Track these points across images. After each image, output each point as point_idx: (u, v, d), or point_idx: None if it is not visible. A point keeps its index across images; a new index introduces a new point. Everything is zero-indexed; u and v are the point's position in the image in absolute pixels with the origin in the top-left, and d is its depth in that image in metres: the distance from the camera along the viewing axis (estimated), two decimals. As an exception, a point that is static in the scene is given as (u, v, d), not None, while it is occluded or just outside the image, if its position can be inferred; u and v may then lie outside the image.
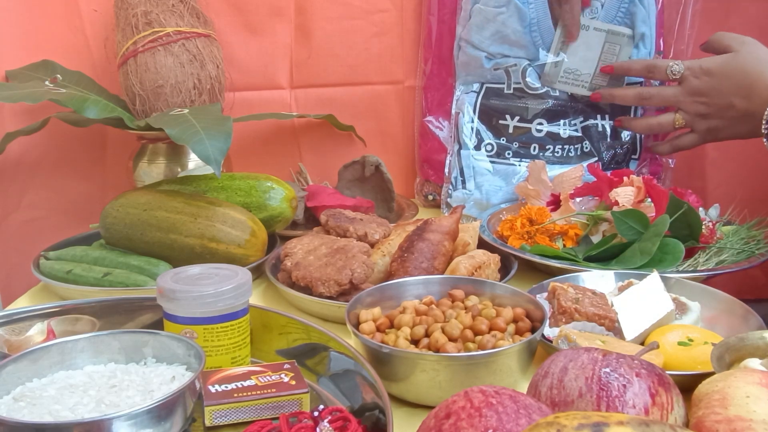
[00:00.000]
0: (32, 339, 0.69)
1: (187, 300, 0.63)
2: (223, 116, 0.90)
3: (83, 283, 0.86)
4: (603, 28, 1.08)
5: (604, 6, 1.08)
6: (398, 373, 0.61)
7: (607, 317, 0.69)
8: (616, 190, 0.95)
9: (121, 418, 0.50)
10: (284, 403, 0.58)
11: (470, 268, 0.79)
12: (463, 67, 1.13)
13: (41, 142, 1.11)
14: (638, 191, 0.95)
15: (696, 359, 0.63)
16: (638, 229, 0.87)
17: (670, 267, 0.83)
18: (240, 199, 0.95)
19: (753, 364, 0.53)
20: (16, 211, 1.13)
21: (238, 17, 1.16)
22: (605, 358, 0.47)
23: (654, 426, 0.35)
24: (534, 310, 0.68)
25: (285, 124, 1.21)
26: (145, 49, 1.01)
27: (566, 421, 0.35)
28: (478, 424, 0.40)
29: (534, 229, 0.95)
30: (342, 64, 1.19)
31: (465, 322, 0.65)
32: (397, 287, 0.74)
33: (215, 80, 1.06)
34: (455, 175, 1.13)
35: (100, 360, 0.61)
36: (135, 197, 0.92)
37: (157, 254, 0.89)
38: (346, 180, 1.15)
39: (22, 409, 0.53)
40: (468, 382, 0.57)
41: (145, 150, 1.08)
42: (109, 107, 0.99)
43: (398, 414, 0.59)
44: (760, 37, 1.10)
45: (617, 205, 0.93)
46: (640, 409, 0.45)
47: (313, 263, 0.81)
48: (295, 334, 0.69)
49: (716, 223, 0.94)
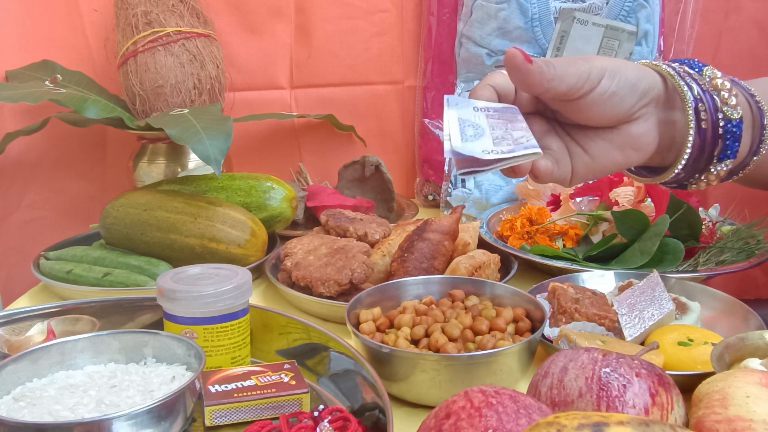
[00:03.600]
0: (32, 339, 0.69)
1: (187, 300, 0.63)
2: (223, 116, 0.90)
3: (83, 283, 0.86)
4: (601, 23, 1.08)
5: (609, 3, 1.08)
6: (398, 373, 0.61)
7: (607, 317, 0.69)
8: (616, 190, 0.95)
9: (121, 418, 0.50)
10: (284, 403, 0.58)
11: (470, 268, 0.79)
12: (464, 64, 1.14)
13: (41, 142, 1.11)
14: (638, 191, 0.95)
15: (696, 359, 0.63)
16: (638, 229, 0.87)
17: (670, 267, 0.83)
18: (240, 199, 0.95)
19: (753, 364, 0.53)
20: (16, 211, 1.13)
21: (238, 17, 1.16)
22: (605, 358, 0.47)
23: (654, 426, 0.35)
24: (534, 310, 0.68)
25: (285, 124, 1.21)
26: (145, 49, 1.01)
27: (566, 421, 0.35)
28: (478, 424, 0.40)
29: (534, 229, 0.95)
30: (342, 64, 1.19)
31: (465, 322, 0.65)
32: (397, 287, 0.74)
33: (215, 80, 1.06)
34: (455, 173, 1.13)
35: (100, 360, 0.61)
36: (135, 197, 0.92)
37: (157, 254, 0.89)
38: (346, 180, 1.15)
39: (22, 409, 0.53)
40: (468, 382, 0.57)
41: (145, 150, 1.08)
42: (109, 107, 0.99)
43: (398, 414, 0.59)
44: (760, 36, 1.11)
45: (617, 205, 0.93)
46: (640, 409, 0.45)
47: (313, 263, 0.81)
48: (295, 334, 0.69)
49: (716, 223, 0.94)
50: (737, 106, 0.58)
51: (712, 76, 0.59)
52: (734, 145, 0.59)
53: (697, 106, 0.58)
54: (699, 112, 0.58)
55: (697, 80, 0.59)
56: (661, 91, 0.58)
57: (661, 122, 0.59)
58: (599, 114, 0.56)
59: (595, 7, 1.09)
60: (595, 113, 0.56)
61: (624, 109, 0.56)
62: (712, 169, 0.60)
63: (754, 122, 0.61)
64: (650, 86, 0.57)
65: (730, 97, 0.58)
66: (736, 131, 0.58)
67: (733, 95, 0.58)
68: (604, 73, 0.55)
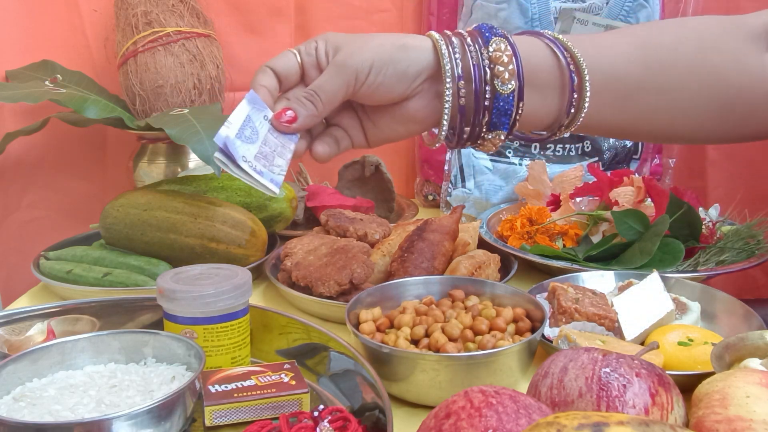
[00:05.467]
0: (32, 339, 0.69)
1: (187, 300, 0.62)
2: (224, 116, 0.90)
3: (83, 283, 0.86)
4: (602, 23, 1.08)
5: (609, 3, 1.08)
6: (398, 373, 0.61)
7: (607, 317, 0.69)
8: (616, 190, 0.95)
9: (121, 418, 0.50)
10: (284, 403, 0.58)
11: (470, 268, 0.79)
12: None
13: (41, 142, 1.11)
14: (638, 191, 0.95)
15: (696, 359, 0.63)
16: (638, 229, 0.87)
17: (670, 267, 0.83)
18: (240, 199, 0.95)
19: (753, 364, 0.53)
20: (16, 211, 1.13)
21: (238, 17, 1.16)
22: (605, 358, 0.47)
23: (654, 426, 0.35)
24: (534, 310, 0.68)
25: (285, 124, 1.21)
26: (145, 49, 1.01)
27: (566, 421, 0.35)
28: (478, 424, 0.40)
29: (534, 229, 0.95)
30: (342, 64, 1.19)
31: (465, 322, 0.65)
32: (397, 287, 0.74)
33: (215, 80, 1.06)
34: (455, 173, 1.12)
35: (100, 360, 0.61)
36: (135, 197, 0.92)
37: (157, 254, 0.89)
38: (346, 180, 1.15)
39: (22, 409, 0.53)
40: (468, 382, 0.57)
41: (145, 150, 1.08)
42: (109, 107, 0.99)
43: (398, 414, 0.59)
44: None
45: (617, 205, 0.93)
46: (640, 409, 0.45)
47: (313, 263, 0.81)
48: (295, 334, 0.69)
49: (716, 223, 0.94)
50: (510, 79, 0.61)
51: (496, 48, 0.61)
52: (503, 119, 0.63)
53: (457, 83, 0.61)
54: (459, 89, 0.61)
55: (471, 53, 0.61)
56: (434, 69, 0.62)
57: (437, 95, 0.63)
58: (374, 100, 0.63)
59: (595, 7, 1.09)
60: (371, 99, 0.63)
61: (396, 94, 0.62)
62: (489, 136, 0.64)
63: (563, 85, 0.64)
64: (423, 68, 0.61)
65: (505, 71, 0.61)
66: (502, 105, 0.62)
67: (508, 70, 0.61)
68: (370, 69, 0.60)
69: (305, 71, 0.64)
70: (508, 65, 0.61)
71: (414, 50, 0.62)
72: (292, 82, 0.64)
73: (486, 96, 0.62)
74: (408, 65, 0.61)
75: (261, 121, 0.60)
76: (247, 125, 0.59)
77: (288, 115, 0.61)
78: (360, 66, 0.60)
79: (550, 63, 0.64)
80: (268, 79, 0.63)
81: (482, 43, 0.62)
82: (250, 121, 0.59)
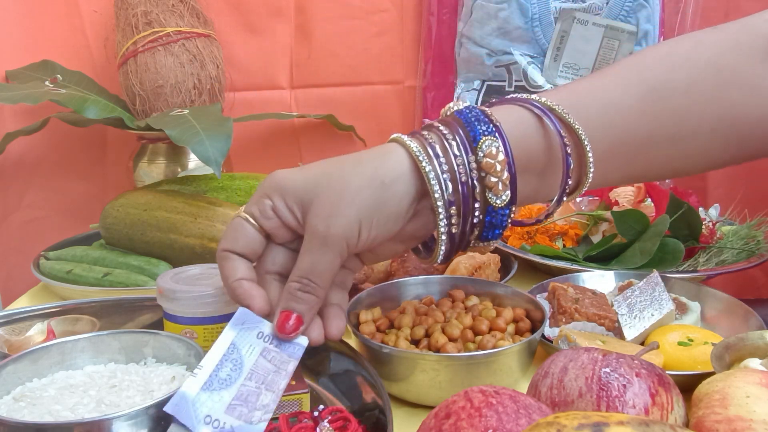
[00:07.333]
0: (32, 339, 0.69)
1: (187, 300, 0.62)
2: (223, 117, 0.90)
3: (83, 283, 0.86)
4: (602, 23, 1.08)
5: (609, 3, 1.08)
6: (398, 373, 0.61)
7: (607, 317, 0.69)
8: (616, 190, 0.95)
9: (121, 418, 0.50)
10: (284, 403, 0.58)
11: (470, 268, 0.79)
12: (464, 64, 1.14)
13: (41, 142, 1.11)
14: (638, 191, 0.95)
15: (696, 359, 0.63)
16: (638, 229, 0.87)
17: (670, 267, 0.83)
18: (240, 199, 0.95)
19: (753, 364, 0.53)
20: (16, 211, 1.13)
21: (238, 17, 1.16)
22: (605, 358, 0.47)
23: (654, 426, 0.35)
24: (534, 310, 0.68)
25: (285, 124, 1.21)
26: (145, 49, 1.01)
27: (566, 421, 0.35)
28: (478, 424, 0.40)
29: (534, 229, 0.95)
30: (342, 64, 1.19)
31: (465, 322, 0.65)
32: (397, 287, 0.74)
33: (215, 80, 1.06)
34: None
35: (100, 360, 0.61)
36: (135, 197, 0.92)
37: (157, 254, 0.89)
38: (346, 180, 1.15)
39: (22, 409, 0.53)
40: (468, 382, 0.57)
41: (145, 150, 1.08)
42: (109, 107, 0.99)
43: (398, 414, 0.59)
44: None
45: (617, 205, 0.93)
46: (640, 409, 0.45)
47: (313, 263, 0.81)
48: (295, 334, 0.69)
49: (716, 223, 0.94)
50: (504, 191, 0.53)
51: (487, 153, 0.52)
52: (496, 232, 0.55)
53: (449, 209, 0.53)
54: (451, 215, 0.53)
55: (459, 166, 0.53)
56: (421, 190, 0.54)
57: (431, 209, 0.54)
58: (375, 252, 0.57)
59: (595, 7, 1.09)
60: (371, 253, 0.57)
61: (394, 232, 0.54)
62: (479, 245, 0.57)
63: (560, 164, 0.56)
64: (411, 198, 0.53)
65: (498, 182, 0.53)
66: (497, 220, 0.54)
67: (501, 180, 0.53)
68: (359, 230, 0.52)
69: (272, 235, 0.55)
70: (501, 174, 0.53)
71: (394, 184, 0.53)
72: (258, 254, 0.55)
73: (476, 215, 0.53)
74: (396, 204, 0.53)
75: (251, 345, 0.51)
76: (226, 362, 0.50)
77: (293, 321, 0.53)
78: (347, 232, 0.52)
79: (543, 146, 0.56)
80: (242, 268, 0.54)
81: (469, 144, 0.53)
82: (233, 352, 0.50)
